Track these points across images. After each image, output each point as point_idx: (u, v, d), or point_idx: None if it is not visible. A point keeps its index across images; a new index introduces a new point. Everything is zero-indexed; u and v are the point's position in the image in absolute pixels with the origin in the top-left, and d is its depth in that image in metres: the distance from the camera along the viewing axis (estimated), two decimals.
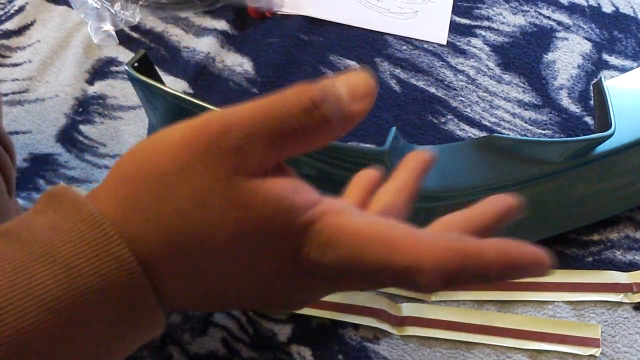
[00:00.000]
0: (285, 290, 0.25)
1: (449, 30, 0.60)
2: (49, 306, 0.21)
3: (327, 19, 0.61)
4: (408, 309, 0.44)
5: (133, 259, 0.22)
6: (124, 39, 0.60)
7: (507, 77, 0.57)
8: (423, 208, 0.46)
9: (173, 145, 0.23)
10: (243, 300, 0.26)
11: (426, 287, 0.23)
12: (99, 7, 0.60)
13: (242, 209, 0.23)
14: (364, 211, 0.28)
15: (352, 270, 0.23)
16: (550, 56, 0.59)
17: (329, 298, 0.44)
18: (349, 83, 0.24)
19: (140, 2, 0.61)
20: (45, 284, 0.21)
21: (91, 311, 0.22)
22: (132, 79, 0.46)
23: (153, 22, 0.61)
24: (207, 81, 0.57)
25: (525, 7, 0.62)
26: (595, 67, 0.58)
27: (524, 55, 0.58)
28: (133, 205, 0.23)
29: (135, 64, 0.45)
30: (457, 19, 0.61)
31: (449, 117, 0.54)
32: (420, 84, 0.57)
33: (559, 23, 0.61)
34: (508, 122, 0.54)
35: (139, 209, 0.23)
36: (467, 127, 0.54)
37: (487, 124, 0.54)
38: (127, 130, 0.54)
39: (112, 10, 0.60)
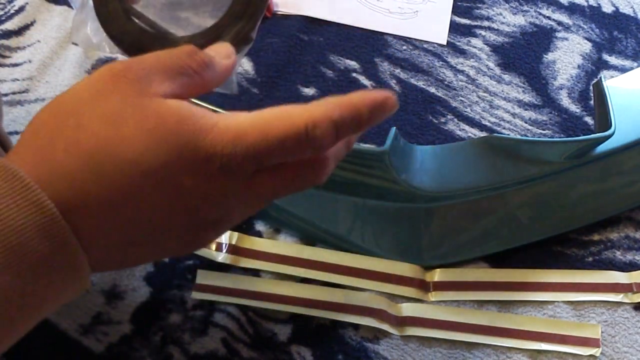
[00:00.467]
0: (205, 202, 0.28)
1: (449, 30, 0.60)
2: None
3: (327, 19, 0.61)
4: (408, 309, 0.44)
5: (50, 202, 0.24)
6: None
7: (507, 77, 0.57)
8: (423, 208, 0.46)
9: (83, 86, 0.27)
10: (169, 230, 0.28)
11: (322, 140, 0.28)
12: None
13: (152, 119, 0.26)
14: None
15: (262, 153, 0.27)
16: (550, 56, 0.59)
17: (329, 298, 0.44)
18: (213, 48, 0.32)
19: (140, 3, 0.61)
20: None
21: (16, 254, 0.24)
22: None
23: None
24: None
25: (525, 7, 0.62)
26: (595, 67, 0.58)
27: (524, 55, 0.58)
28: (52, 145, 0.26)
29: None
30: (457, 19, 0.61)
31: (449, 117, 0.54)
32: (420, 84, 0.57)
33: (559, 23, 0.61)
34: (508, 122, 0.54)
35: (58, 145, 0.26)
36: (467, 127, 0.54)
37: (487, 124, 0.54)
38: None
39: None
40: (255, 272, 0.46)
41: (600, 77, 0.51)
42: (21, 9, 0.61)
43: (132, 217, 0.26)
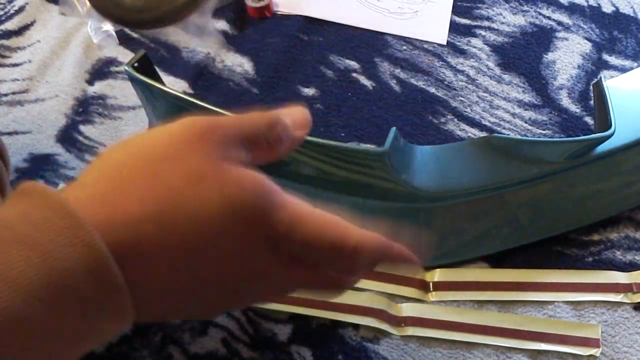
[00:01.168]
0: (252, 273, 0.28)
1: (449, 30, 0.60)
2: (23, 288, 0.22)
3: (327, 19, 0.61)
4: (408, 309, 0.44)
5: (102, 243, 0.24)
6: (124, 39, 0.60)
7: (507, 77, 0.57)
8: (423, 208, 0.46)
9: (164, 136, 0.27)
10: (212, 293, 0.28)
11: (362, 264, 0.30)
12: None
13: (233, 186, 0.26)
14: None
15: (313, 246, 0.28)
16: (550, 56, 0.59)
17: (329, 298, 0.44)
18: (292, 115, 0.31)
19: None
20: (19, 267, 0.23)
21: (63, 293, 0.23)
22: (132, 79, 0.46)
23: None
24: (207, 81, 0.57)
25: (525, 7, 0.62)
26: (595, 67, 0.58)
27: (524, 55, 0.58)
28: (122, 186, 0.25)
29: (135, 64, 0.45)
30: (457, 19, 0.61)
31: (449, 117, 0.54)
32: (420, 84, 0.57)
33: (559, 23, 0.61)
34: (508, 122, 0.54)
35: (132, 192, 0.25)
36: (467, 127, 0.54)
37: (487, 124, 0.54)
38: (127, 130, 0.54)
39: None
40: None
41: (600, 77, 0.51)
42: (21, 9, 0.61)
43: (186, 273, 0.27)
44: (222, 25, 0.60)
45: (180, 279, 0.27)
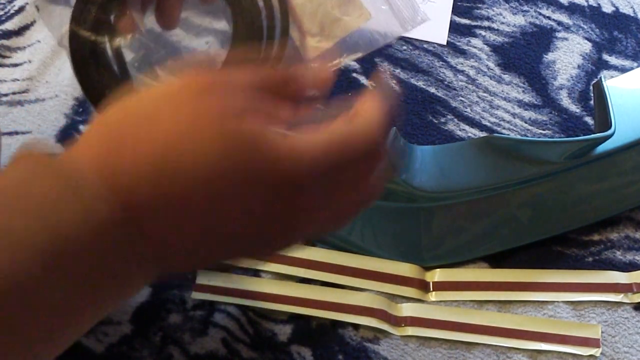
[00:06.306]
0: (275, 221, 0.28)
1: (449, 30, 0.60)
2: (36, 256, 0.23)
3: None
4: (408, 309, 0.44)
5: (115, 199, 0.24)
6: None
7: (507, 77, 0.57)
8: (423, 208, 0.46)
9: (163, 93, 0.27)
10: (236, 233, 0.28)
11: (379, 150, 0.30)
12: None
13: (230, 143, 0.25)
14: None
15: (338, 174, 0.28)
16: (550, 56, 0.59)
17: (329, 298, 0.44)
18: (312, 72, 0.31)
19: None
20: (29, 229, 0.23)
21: (76, 253, 0.24)
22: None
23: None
24: None
25: (525, 7, 0.62)
26: (595, 67, 0.58)
27: (524, 55, 0.58)
28: (124, 144, 0.25)
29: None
30: (457, 19, 0.61)
31: (449, 117, 0.54)
32: (420, 84, 0.57)
33: (559, 23, 0.61)
34: (508, 122, 0.54)
35: (130, 146, 0.25)
36: (467, 127, 0.54)
37: (487, 124, 0.54)
38: None
39: None
40: (255, 272, 0.46)
41: (600, 77, 0.51)
42: (21, 9, 0.61)
43: (195, 227, 0.27)
44: (222, 25, 0.60)
45: (189, 229, 0.26)
